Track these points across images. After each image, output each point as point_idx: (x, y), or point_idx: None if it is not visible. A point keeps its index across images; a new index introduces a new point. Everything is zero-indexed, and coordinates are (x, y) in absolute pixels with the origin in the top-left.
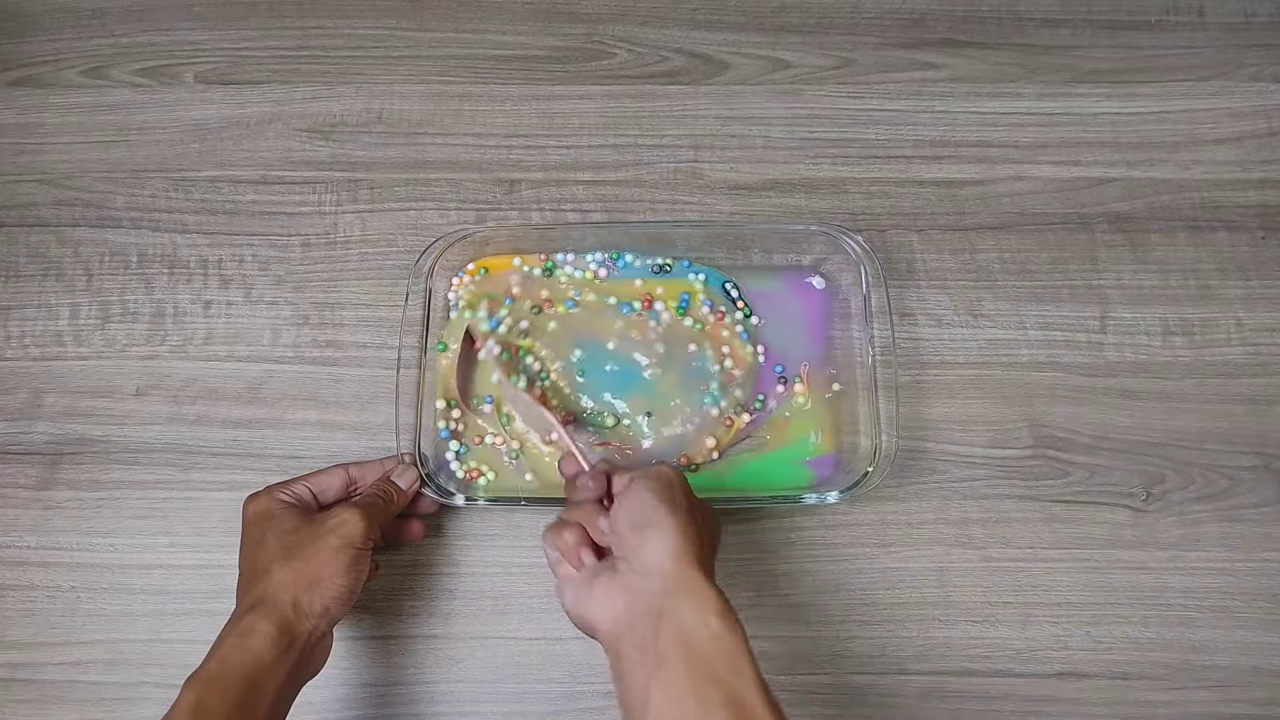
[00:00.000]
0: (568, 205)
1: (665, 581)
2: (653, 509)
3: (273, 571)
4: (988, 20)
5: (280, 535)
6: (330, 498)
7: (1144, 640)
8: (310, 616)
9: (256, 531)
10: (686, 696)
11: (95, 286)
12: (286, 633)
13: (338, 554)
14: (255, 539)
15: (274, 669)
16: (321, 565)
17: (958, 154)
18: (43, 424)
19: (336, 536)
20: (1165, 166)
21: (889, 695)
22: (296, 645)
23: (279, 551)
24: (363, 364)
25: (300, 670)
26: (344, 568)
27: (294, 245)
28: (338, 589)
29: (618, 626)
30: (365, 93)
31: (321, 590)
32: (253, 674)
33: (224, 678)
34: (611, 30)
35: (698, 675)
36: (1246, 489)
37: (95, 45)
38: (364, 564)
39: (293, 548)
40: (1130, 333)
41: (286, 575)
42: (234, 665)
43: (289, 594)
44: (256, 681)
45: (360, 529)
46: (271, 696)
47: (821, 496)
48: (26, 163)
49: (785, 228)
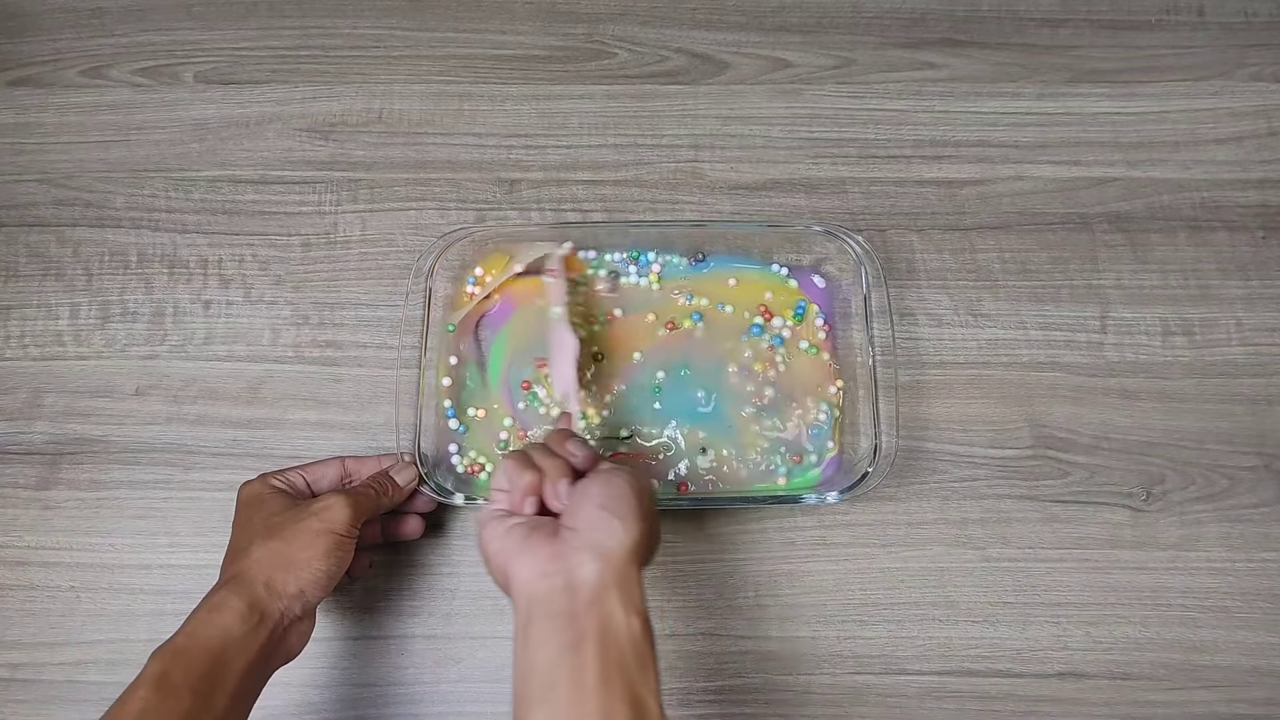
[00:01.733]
0: (568, 205)
1: (607, 570)
2: (627, 503)
3: (251, 550)
4: (988, 20)
5: (266, 517)
6: (324, 487)
7: (1144, 640)
8: (283, 597)
9: (245, 513)
10: (595, 681)
11: (95, 286)
12: (256, 609)
13: (317, 537)
14: (243, 520)
15: (242, 645)
16: (300, 547)
17: (958, 154)
18: (42, 424)
19: (319, 520)
20: (1165, 166)
21: (889, 695)
22: (267, 624)
23: (261, 531)
24: (363, 364)
25: (272, 651)
26: (323, 552)
27: (294, 245)
28: (314, 572)
29: (535, 589)
30: (365, 93)
31: (297, 572)
32: (219, 648)
33: (190, 650)
34: (611, 30)
35: (610, 665)
36: (1246, 489)
37: (95, 45)
38: (345, 551)
39: (274, 529)
40: (1130, 333)
41: (263, 554)
42: (201, 639)
43: (263, 572)
44: (223, 656)
45: (344, 516)
46: (239, 673)
47: (821, 496)
48: (26, 163)
49: (785, 228)
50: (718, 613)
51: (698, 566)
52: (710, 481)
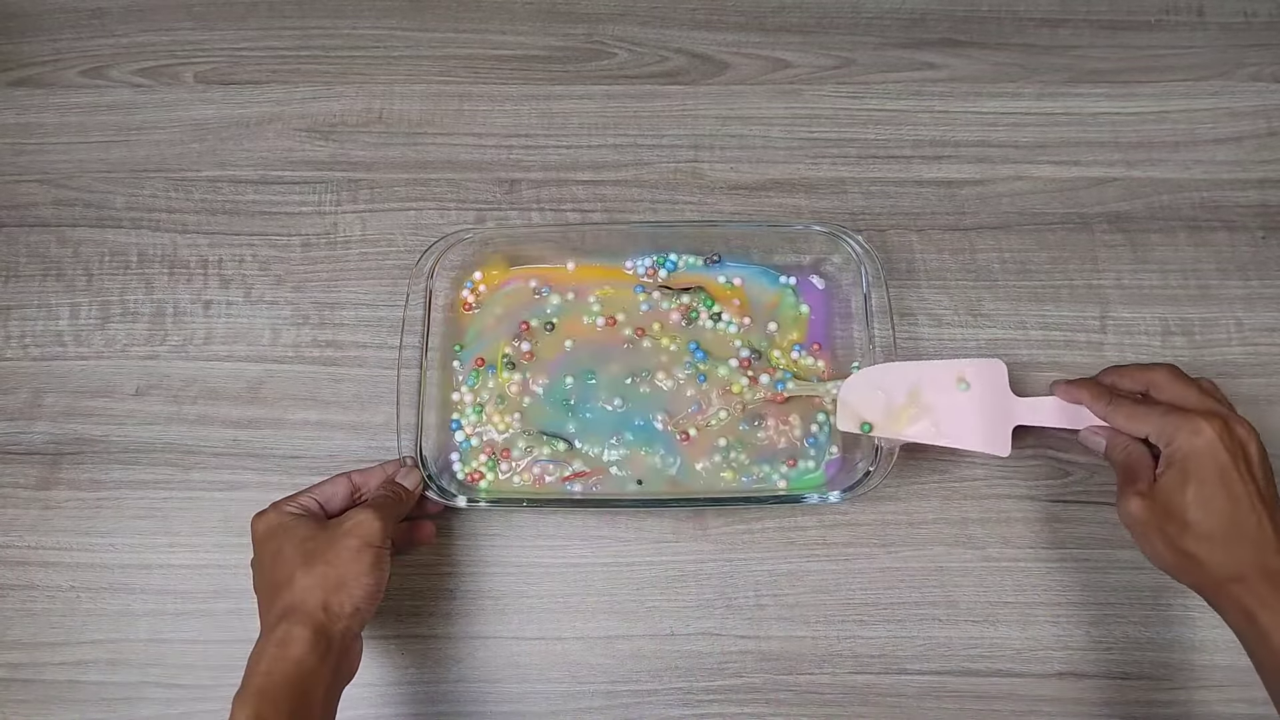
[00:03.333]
0: (568, 205)
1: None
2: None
3: (296, 580)
4: (988, 20)
5: (298, 544)
6: (336, 506)
7: (1144, 640)
8: (341, 618)
9: (271, 545)
10: None
11: (95, 286)
12: (323, 636)
13: (359, 554)
14: (271, 553)
15: (317, 674)
16: (345, 566)
17: (958, 154)
18: (43, 424)
19: (354, 537)
20: (1165, 166)
21: (889, 695)
22: (334, 648)
23: (299, 559)
24: (363, 364)
25: (338, 673)
26: (368, 567)
27: (294, 245)
28: (365, 588)
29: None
30: (365, 93)
31: (349, 591)
32: (299, 681)
33: (271, 689)
34: (611, 30)
35: None
36: None
37: (95, 45)
38: (386, 562)
39: (313, 553)
40: (1130, 333)
41: (311, 581)
42: (279, 676)
43: (317, 598)
44: (304, 688)
45: (377, 528)
46: (320, 701)
47: (822, 496)
48: (26, 163)
49: (785, 228)
50: (718, 613)
51: (698, 567)
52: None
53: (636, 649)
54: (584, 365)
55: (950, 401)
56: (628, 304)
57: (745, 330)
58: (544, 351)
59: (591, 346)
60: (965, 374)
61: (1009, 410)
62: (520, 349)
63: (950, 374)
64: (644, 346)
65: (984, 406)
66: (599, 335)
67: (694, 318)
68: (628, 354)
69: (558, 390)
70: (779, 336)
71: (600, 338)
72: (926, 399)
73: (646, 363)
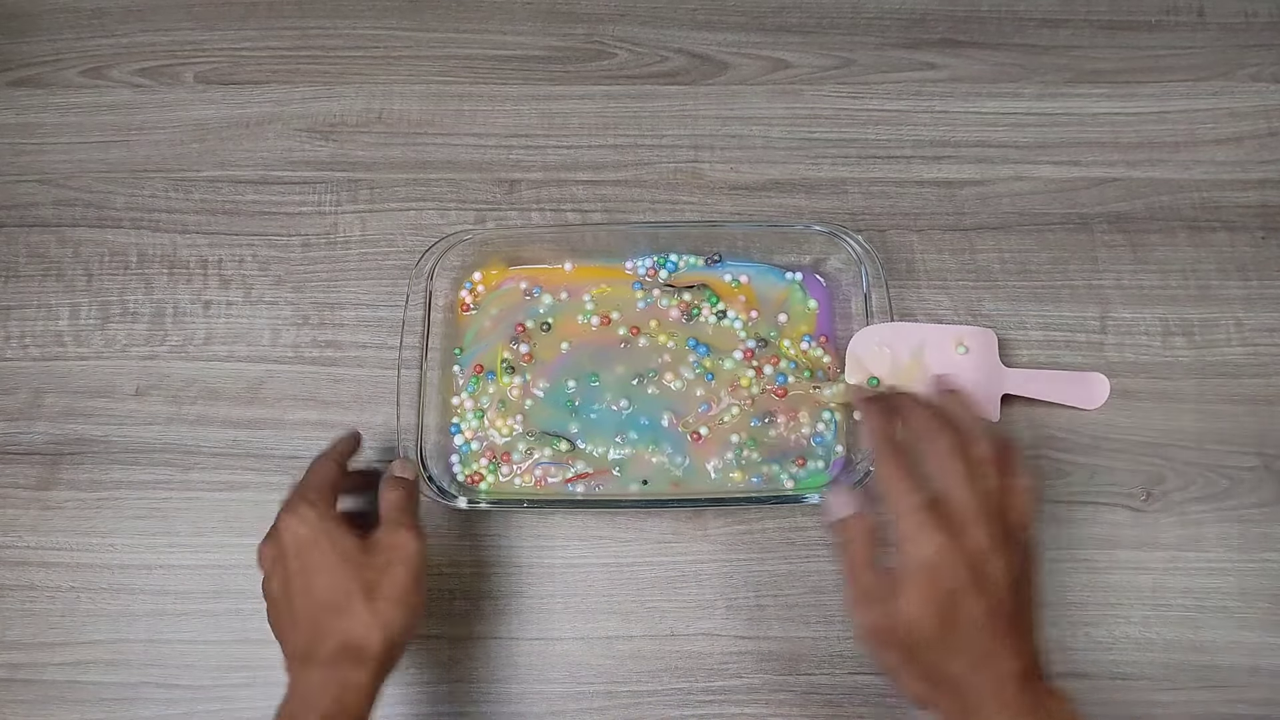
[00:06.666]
0: (568, 205)
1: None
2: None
3: (357, 612)
4: (988, 20)
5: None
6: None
7: (1144, 640)
8: (401, 647)
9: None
10: None
11: (95, 286)
12: (383, 675)
13: (415, 581)
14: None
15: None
16: (404, 595)
17: (958, 154)
18: (43, 424)
19: (406, 567)
20: (1165, 166)
21: (889, 695)
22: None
23: (358, 587)
24: (363, 364)
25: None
26: (418, 587)
27: (294, 245)
28: (416, 607)
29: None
30: (365, 93)
31: (406, 624)
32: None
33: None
34: (611, 30)
35: None
36: (1246, 489)
37: (95, 45)
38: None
39: (373, 585)
40: (1130, 333)
41: (374, 618)
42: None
43: (379, 637)
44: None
45: (418, 546)
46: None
47: (824, 496)
48: (26, 163)
49: (785, 228)
50: (718, 613)
51: (698, 567)
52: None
53: (636, 649)
54: (584, 366)
55: (949, 361)
56: (623, 302)
57: (753, 323)
58: (543, 353)
59: (590, 348)
60: (964, 339)
61: (999, 378)
62: (519, 351)
63: (951, 338)
64: (640, 345)
65: (978, 373)
66: (595, 335)
67: (695, 314)
68: (628, 354)
69: (559, 392)
70: (789, 327)
71: (596, 338)
72: (928, 359)
73: (647, 362)
